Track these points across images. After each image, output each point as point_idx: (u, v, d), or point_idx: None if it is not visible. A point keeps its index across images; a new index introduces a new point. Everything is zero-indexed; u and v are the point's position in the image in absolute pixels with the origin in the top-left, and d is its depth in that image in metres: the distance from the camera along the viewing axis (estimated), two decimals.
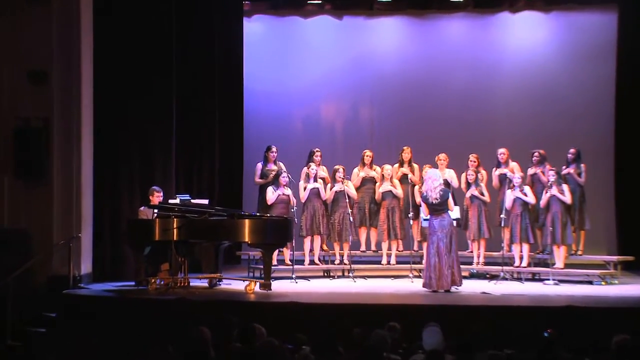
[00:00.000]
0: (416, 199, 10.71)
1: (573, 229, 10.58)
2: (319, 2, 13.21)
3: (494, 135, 12.43)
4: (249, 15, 13.07)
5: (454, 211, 9.88)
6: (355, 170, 11.17)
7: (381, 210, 11.01)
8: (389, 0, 13.16)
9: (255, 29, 13.15)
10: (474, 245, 10.88)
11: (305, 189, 10.83)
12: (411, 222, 10.86)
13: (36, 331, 8.41)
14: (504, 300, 8.90)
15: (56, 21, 9.94)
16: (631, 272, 11.05)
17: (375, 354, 5.19)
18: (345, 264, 10.91)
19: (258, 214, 10.36)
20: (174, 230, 9.43)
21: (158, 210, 9.87)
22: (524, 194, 10.43)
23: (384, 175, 11.01)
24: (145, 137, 11.02)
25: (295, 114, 13.42)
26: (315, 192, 10.86)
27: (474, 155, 10.96)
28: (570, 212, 10.53)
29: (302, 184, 10.89)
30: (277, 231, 9.68)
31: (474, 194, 10.74)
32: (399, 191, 10.97)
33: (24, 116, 9.85)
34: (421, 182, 10.55)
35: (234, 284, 9.99)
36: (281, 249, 10.58)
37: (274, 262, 10.39)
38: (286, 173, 10.75)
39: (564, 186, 10.41)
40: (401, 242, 11.14)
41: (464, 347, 5.50)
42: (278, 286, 9.74)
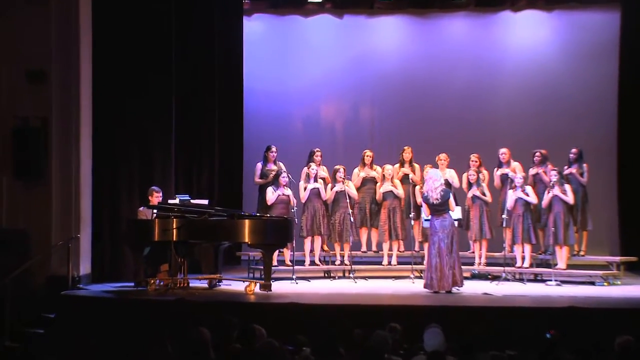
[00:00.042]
0: (417, 199, 10.71)
1: (575, 229, 10.59)
2: (319, 1, 13.19)
3: (495, 135, 12.42)
4: (249, 14, 13.06)
5: (455, 211, 9.88)
6: (356, 171, 11.17)
7: (382, 210, 11.01)
8: None
9: (255, 28, 13.15)
10: (475, 245, 10.88)
11: (305, 189, 10.83)
12: (412, 223, 10.86)
13: (35, 332, 8.40)
14: (505, 301, 8.89)
15: (55, 20, 9.94)
16: (634, 273, 11.05)
17: (376, 355, 5.19)
18: (345, 265, 10.92)
19: (258, 214, 10.37)
20: (174, 231, 9.42)
21: (157, 211, 9.86)
22: (526, 194, 10.43)
23: (384, 176, 11.02)
24: (145, 137, 11.02)
25: (295, 113, 13.41)
26: (316, 192, 10.86)
27: (476, 155, 10.97)
28: (572, 213, 10.54)
29: (302, 184, 10.89)
30: (278, 231, 9.68)
31: (475, 194, 10.75)
32: (400, 191, 10.97)
33: (23, 115, 9.85)
34: (422, 182, 10.55)
35: (233, 285, 9.99)
36: (281, 250, 10.58)
37: (274, 263, 10.39)
38: (286, 173, 10.74)
39: (567, 186, 10.41)
40: (402, 243, 11.14)
41: (466, 349, 5.51)
42: (278, 287, 9.74)
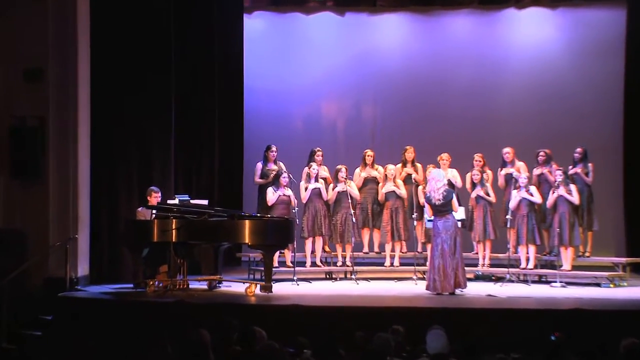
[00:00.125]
0: (420, 199, 10.70)
1: (581, 230, 10.57)
2: None
3: (499, 134, 12.40)
4: (250, 12, 13.06)
5: (459, 212, 9.87)
6: (357, 171, 11.16)
7: (384, 211, 11.01)
8: None
9: (255, 26, 13.15)
10: (479, 246, 10.87)
11: (306, 189, 10.83)
12: (415, 223, 10.85)
13: (32, 334, 8.39)
14: (509, 303, 8.88)
15: (52, 19, 9.95)
16: None
17: (378, 358, 5.19)
18: (347, 266, 10.91)
19: (258, 215, 10.36)
20: (173, 232, 9.41)
21: (156, 211, 9.87)
22: (530, 194, 10.42)
23: (387, 176, 11.01)
24: (144, 136, 11.02)
25: (296, 112, 13.40)
26: (317, 193, 10.86)
27: (479, 155, 10.95)
28: (577, 213, 10.52)
29: (303, 184, 10.89)
30: (278, 232, 9.68)
31: (479, 195, 10.73)
32: (403, 192, 10.96)
33: (20, 115, 9.86)
34: (425, 182, 10.54)
35: (234, 286, 9.98)
36: (282, 251, 10.58)
37: (275, 264, 10.38)
38: (287, 173, 10.73)
39: (572, 186, 10.39)
40: (405, 244, 11.13)
41: (469, 351, 5.50)
42: (279, 288, 9.74)
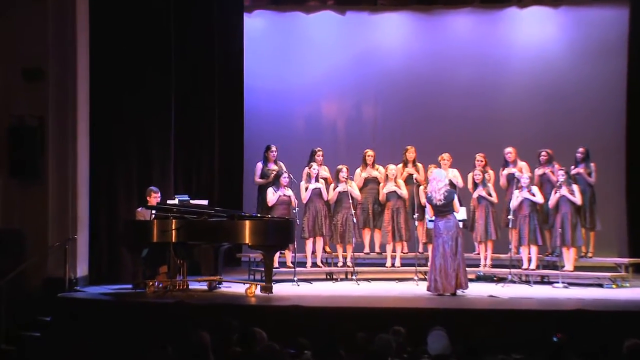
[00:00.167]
0: (421, 199, 10.70)
1: (583, 231, 10.56)
2: None
3: (500, 134, 12.40)
4: (250, 11, 13.06)
5: (460, 212, 9.86)
6: (358, 171, 11.16)
7: (385, 211, 11.01)
8: None
9: (256, 25, 13.15)
10: (480, 247, 10.87)
11: (306, 189, 10.83)
12: (416, 224, 10.84)
13: (30, 335, 8.40)
14: (511, 304, 8.89)
15: (51, 18, 9.94)
16: None
17: (379, 359, 5.19)
18: (348, 267, 10.91)
19: (259, 215, 10.36)
20: (173, 232, 9.41)
21: (156, 211, 9.87)
22: (532, 194, 10.41)
23: (388, 176, 11.00)
24: (143, 136, 11.02)
25: (296, 111, 13.40)
26: (317, 193, 10.86)
27: (481, 155, 10.95)
28: (580, 214, 10.51)
29: (304, 184, 10.88)
30: (279, 232, 9.68)
31: (481, 195, 10.73)
32: (404, 192, 10.95)
33: (19, 114, 9.85)
34: (427, 182, 10.54)
35: (234, 287, 9.98)
36: (282, 251, 10.57)
37: (275, 265, 10.38)
38: (287, 173, 10.73)
39: (574, 186, 10.38)
40: (406, 244, 11.14)
41: (471, 352, 5.50)
42: (279, 289, 9.73)
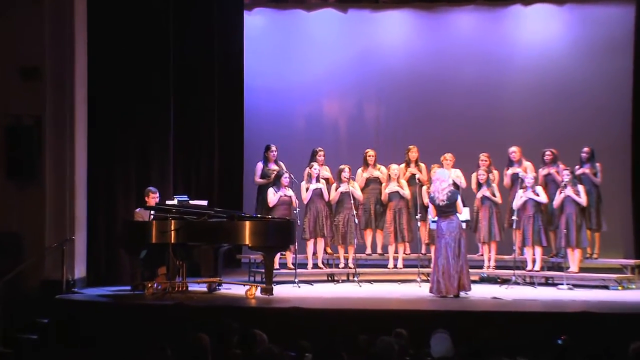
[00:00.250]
0: (424, 199, 10.70)
1: (589, 232, 10.54)
2: None
3: (504, 133, 12.40)
4: (250, 9, 13.07)
5: (464, 213, 9.87)
6: (359, 171, 11.15)
7: (387, 211, 11.00)
8: None
9: (256, 23, 13.15)
10: (484, 248, 10.87)
11: (307, 189, 10.83)
12: (419, 224, 10.85)
13: (28, 338, 8.40)
14: (515, 306, 8.89)
15: (49, 17, 9.93)
16: None
17: None
18: (350, 268, 10.91)
19: (259, 216, 10.36)
20: (172, 233, 9.40)
21: (155, 212, 9.87)
22: (536, 194, 10.41)
23: (390, 176, 11.00)
24: (142, 135, 11.02)
25: (297, 111, 13.41)
26: (318, 193, 10.85)
27: (485, 155, 10.94)
28: (585, 214, 10.49)
29: (304, 184, 10.88)
30: (279, 233, 9.67)
31: (485, 195, 10.72)
32: (407, 192, 10.95)
33: (16, 113, 9.86)
34: (429, 182, 10.55)
35: (234, 289, 9.99)
36: (283, 252, 10.57)
37: (276, 266, 10.38)
38: (288, 173, 10.73)
39: (580, 187, 10.37)
40: (408, 245, 11.14)
41: (474, 355, 5.50)
42: (280, 291, 9.73)
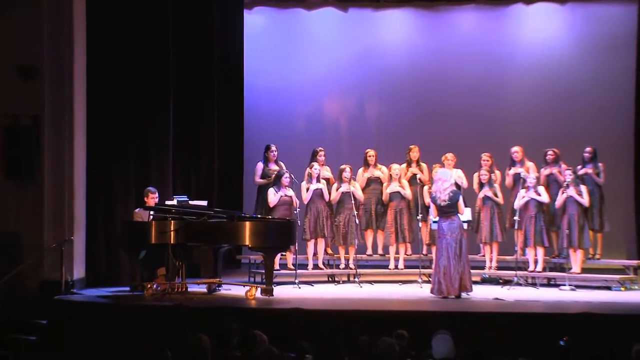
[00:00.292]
0: (425, 199, 10.70)
1: (591, 233, 10.53)
2: None
3: (506, 133, 12.40)
4: (250, 7, 13.07)
5: (465, 213, 9.87)
6: (360, 171, 11.15)
7: (388, 212, 11.00)
8: None
9: (256, 22, 13.16)
10: (485, 248, 10.87)
11: (307, 189, 10.83)
12: (420, 225, 10.84)
13: (26, 339, 8.40)
14: (517, 307, 8.89)
15: (47, 18, 9.93)
16: None
17: None
18: (350, 269, 10.92)
19: (259, 216, 10.37)
20: (171, 233, 9.40)
21: (154, 212, 9.87)
22: (538, 194, 10.40)
23: (391, 176, 10.99)
24: (141, 135, 11.02)
25: (298, 110, 13.41)
26: (319, 193, 10.85)
27: (487, 154, 10.93)
28: (587, 215, 10.48)
29: (305, 184, 10.88)
30: (279, 234, 9.67)
31: (487, 195, 10.71)
32: (408, 192, 10.94)
33: (14, 113, 9.86)
34: (431, 182, 10.55)
35: (234, 290, 10.00)
36: (283, 253, 10.57)
37: (276, 267, 10.38)
38: (288, 173, 10.73)
39: (582, 187, 10.35)
40: (409, 246, 11.14)
41: (476, 356, 5.50)
42: (280, 292, 9.74)
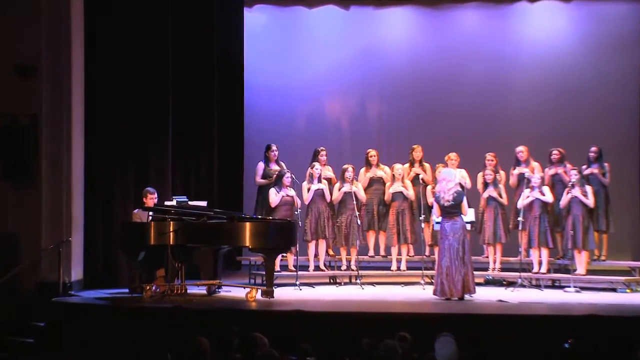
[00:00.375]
0: (428, 200, 10.70)
1: (596, 234, 10.53)
2: None
3: (510, 132, 12.42)
4: (250, 5, 13.08)
5: (469, 214, 9.87)
6: (362, 171, 11.15)
7: (390, 212, 11.00)
8: None
9: (256, 20, 13.17)
10: (489, 250, 10.86)
11: (308, 190, 10.83)
12: (422, 226, 10.84)
13: (23, 341, 8.42)
14: (521, 309, 8.88)
15: (45, 17, 9.94)
16: None
17: None
18: (352, 270, 10.91)
19: (260, 217, 10.37)
20: (170, 234, 9.41)
21: (153, 213, 9.88)
22: (542, 194, 10.40)
23: (394, 176, 10.99)
24: (140, 135, 11.01)
25: (298, 109, 13.42)
26: (320, 194, 10.85)
27: (492, 154, 10.92)
28: (592, 216, 10.46)
29: (306, 184, 10.88)
30: (280, 235, 9.67)
31: (492, 195, 10.70)
32: (411, 192, 10.94)
33: (12, 113, 9.87)
34: (434, 182, 10.55)
35: (234, 291, 10.00)
36: (284, 254, 10.58)
37: (277, 268, 10.36)
38: (289, 173, 10.73)
39: (587, 188, 10.33)
40: (412, 247, 11.14)
41: (479, 358, 5.50)
42: (281, 293, 9.75)
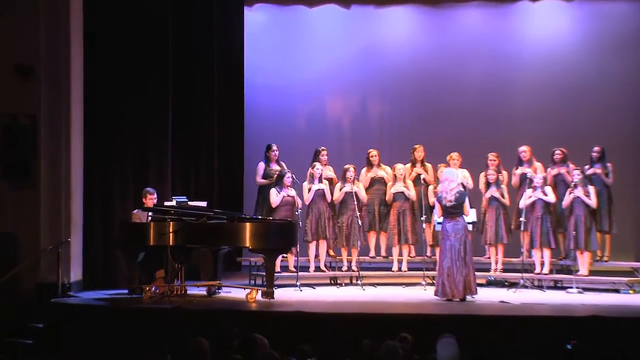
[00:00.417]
0: (430, 200, 10.70)
1: (599, 235, 10.52)
2: None
3: (512, 132, 12.42)
4: (250, 4, 13.09)
5: (470, 214, 9.87)
6: (363, 171, 11.15)
7: (391, 212, 11.00)
8: None
9: (256, 19, 13.18)
10: (491, 250, 10.86)
11: (309, 190, 10.83)
12: (423, 226, 10.84)
13: (22, 343, 8.41)
14: (523, 310, 8.89)
15: (44, 17, 9.93)
16: None
17: None
18: (353, 271, 10.91)
19: (260, 217, 10.37)
20: (170, 235, 9.42)
21: (153, 213, 9.88)
22: (545, 194, 10.40)
23: (396, 176, 10.99)
24: (140, 135, 11.00)
25: (299, 108, 13.42)
26: (320, 194, 10.85)
27: (494, 154, 10.92)
28: (595, 217, 10.46)
29: (307, 184, 10.88)
30: (280, 235, 9.67)
31: (494, 195, 10.69)
32: (412, 193, 10.94)
33: (11, 112, 9.88)
34: (436, 182, 10.55)
35: (234, 292, 10.01)
36: (285, 255, 10.58)
37: (277, 269, 10.37)
38: (290, 173, 10.73)
39: (590, 188, 10.33)
40: (413, 248, 11.14)
41: None
42: (281, 294, 9.76)
